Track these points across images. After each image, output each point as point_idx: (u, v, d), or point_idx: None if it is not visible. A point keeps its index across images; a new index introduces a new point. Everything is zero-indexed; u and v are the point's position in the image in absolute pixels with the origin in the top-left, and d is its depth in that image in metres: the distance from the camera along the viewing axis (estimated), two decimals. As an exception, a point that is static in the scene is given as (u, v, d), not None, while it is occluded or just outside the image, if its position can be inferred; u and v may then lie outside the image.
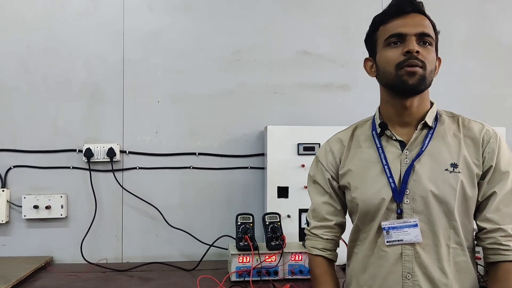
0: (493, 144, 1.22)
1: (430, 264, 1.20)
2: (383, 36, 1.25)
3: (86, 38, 2.46)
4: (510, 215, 1.20)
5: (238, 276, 1.99)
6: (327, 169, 1.39)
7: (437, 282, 1.19)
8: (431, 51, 1.22)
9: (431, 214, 1.20)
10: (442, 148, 1.23)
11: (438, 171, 1.21)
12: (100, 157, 2.41)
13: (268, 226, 2.11)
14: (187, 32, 2.53)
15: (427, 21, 1.25)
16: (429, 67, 1.21)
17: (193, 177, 2.49)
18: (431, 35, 1.23)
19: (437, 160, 1.22)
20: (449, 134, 1.25)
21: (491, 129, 1.26)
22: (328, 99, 2.58)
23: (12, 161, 2.41)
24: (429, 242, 1.21)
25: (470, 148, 1.23)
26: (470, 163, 1.21)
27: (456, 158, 1.21)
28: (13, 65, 2.43)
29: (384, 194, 1.24)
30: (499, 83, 2.69)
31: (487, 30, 2.70)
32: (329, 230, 1.38)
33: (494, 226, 1.20)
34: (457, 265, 1.21)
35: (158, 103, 2.50)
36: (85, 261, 2.32)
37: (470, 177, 1.21)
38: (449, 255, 1.20)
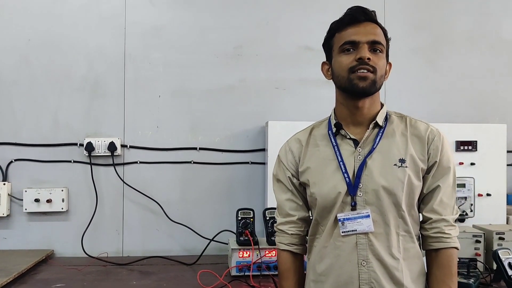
0: (437, 142, 1.33)
1: (382, 251, 1.29)
2: (338, 42, 1.37)
3: (88, 32, 2.46)
4: (451, 206, 1.33)
5: (238, 270, 2.00)
6: (287, 168, 1.45)
7: (389, 267, 1.29)
8: (381, 58, 1.32)
9: (382, 205, 1.30)
10: (391, 145, 1.34)
11: (387, 166, 1.31)
12: (101, 151, 2.42)
13: (269, 221, 2.11)
14: (188, 26, 2.52)
15: (379, 29, 1.35)
16: (379, 72, 1.31)
17: (194, 172, 2.49)
18: (382, 42, 1.33)
19: (387, 156, 1.32)
20: (398, 133, 1.36)
21: (435, 129, 1.37)
22: (330, 94, 2.56)
23: (13, 155, 2.41)
24: (381, 231, 1.30)
25: (416, 145, 1.34)
26: (416, 158, 1.32)
27: (403, 154, 1.32)
28: (15, 59, 2.43)
29: (339, 188, 1.33)
30: (501, 80, 2.69)
31: (489, 26, 2.70)
32: (293, 225, 1.44)
33: (438, 217, 1.32)
34: (407, 251, 1.31)
35: (159, 97, 2.50)
36: (86, 254, 2.33)
37: (416, 171, 1.31)
38: (398, 242, 1.30)
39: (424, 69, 2.62)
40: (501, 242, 2.08)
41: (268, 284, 1.87)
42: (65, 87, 2.45)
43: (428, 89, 2.60)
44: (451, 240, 1.31)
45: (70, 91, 2.45)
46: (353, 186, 1.32)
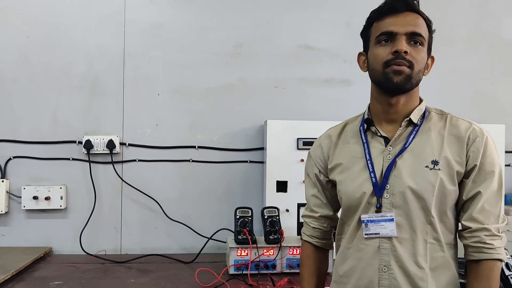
0: (478, 143, 1.22)
1: (406, 258, 1.22)
2: (375, 33, 1.27)
3: (87, 29, 2.46)
4: (495, 215, 1.21)
5: (236, 269, 2.00)
6: (315, 164, 1.42)
7: (412, 275, 1.21)
8: (420, 51, 1.23)
9: (409, 209, 1.22)
10: (425, 145, 1.25)
11: (418, 167, 1.23)
12: (100, 149, 2.42)
13: (267, 220, 2.11)
14: (188, 25, 2.52)
15: (421, 20, 1.25)
16: (417, 67, 1.22)
17: (192, 170, 2.50)
18: (422, 34, 1.23)
19: (419, 156, 1.24)
20: (434, 132, 1.26)
21: (478, 128, 1.24)
22: (329, 94, 2.57)
23: (12, 152, 2.41)
24: (407, 236, 1.23)
25: (454, 146, 1.23)
26: (451, 160, 1.22)
27: (437, 156, 1.22)
28: (14, 56, 2.43)
29: (364, 188, 1.27)
30: (501, 80, 2.69)
31: (489, 27, 2.70)
32: (315, 220, 1.42)
33: (479, 226, 1.20)
34: (435, 260, 1.22)
35: (158, 96, 2.49)
36: (84, 252, 2.33)
37: (450, 175, 1.21)
38: (426, 250, 1.22)
39: (424, 69, 2.61)
40: (498, 242, 2.08)
41: (266, 282, 1.87)
42: (64, 84, 2.45)
43: (427, 90, 2.59)
44: (494, 251, 1.19)
45: (69, 89, 2.45)
46: (380, 187, 1.25)
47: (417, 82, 1.25)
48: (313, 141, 2.28)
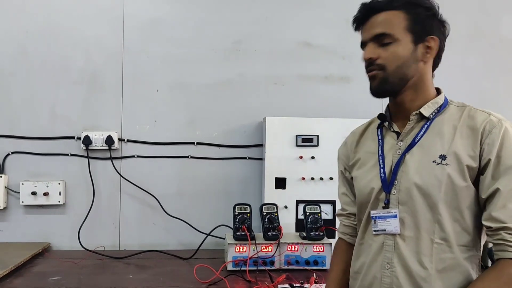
0: (494, 135, 1.13)
1: (409, 256, 1.18)
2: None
3: (86, 24, 2.45)
4: None
5: (235, 265, 2.01)
6: (341, 161, 1.45)
7: (414, 275, 1.17)
8: (392, 48, 1.20)
9: (414, 206, 1.18)
10: (435, 139, 1.20)
11: (426, 162, 1.18)
12: (98, 144, 2.41)
13: (265, 217, 2.12)
14: (187, 20, 2.51)
15: (389, 15, 1.22)
16: (392, 65, 1.20)
17: (191, 167, 2.49)
18: (387, 31, 1.20)
19: (428, 151, 1.19)
20: (448, 125, 1.20)
21: (496, 119, 1.16)
22: (328, 91, 2.57)
23: (11, 147, 2.40)
24: (411, 235, 1.19)
25: (467, 139, 1.16)
26: (461, 154, 1.15)
27: (446, 150, 1.16)
28: (12, 51, 2.42)
29: (373, 184, 1.26)
30: (500, 79, 2.69)
31: (489, 25, 2.69)
32: (346, 217, 1.45)
33: (499, 225, 1.11)
34: (442, 262, 1.15)
35: (157, 91, 2.49)
36: (83, 248, 2.33)
37: (460, 170, 1.14)
38: (431, 249, 1.16)
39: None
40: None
41: (264, 279, 1.88)
42: (63, 79, 2.44)
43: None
44: None
45: (68, 84, 2.44)
46: (388, 183, 1.23)
47: (402, 78, 1.21)
48: (311, 138, 2.33)
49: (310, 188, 2.33)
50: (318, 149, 2.33)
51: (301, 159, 2.32)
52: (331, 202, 2.33)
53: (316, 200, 2.26)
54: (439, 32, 1.27)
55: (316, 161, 2.33)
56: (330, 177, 2.33)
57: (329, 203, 2.33)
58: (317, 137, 2.33)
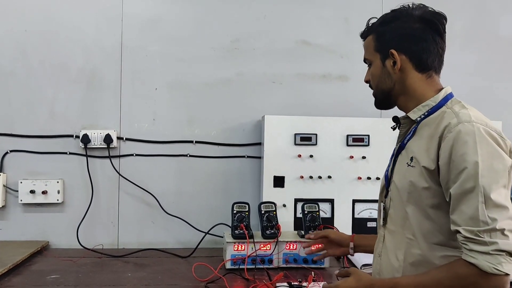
0: (448, 139, 1.15)
1: (390, 248, 1.31)
2: None
3: (85, 23, 2.45)
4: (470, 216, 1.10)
5: (233, 263, 2.01)
6: None
7: (391, 265, 1.30)
8: (371, 70, 1.38)
9: (395, 203, 1.31)
10: (415, 142, 1.28)
11: (403, 164, 1.29)
12: (97, 143, 2.41)
13: (264, 215, 2.12)
14: (186, 19, 2.51)
15: (367, 41, 1.39)
16: (373, 84, 1.38)
17: (190, 165, 2.50)
18: (366, 56, 1.40)
19: (407, 153, 1.29)
20: (426, 128, 1.25)
21: (454, 122, 1.17)
22: (327, 89, 2.57)
23: (9, 146, 2.40)
24: (393, 229, 1.32)
25: (429, 141, 1.21)
26: (421, 157, 1.21)
27: (415, 152, 1.25)
28: (11, 50, 2.41)
29: (382, 182, 1.43)
30: (497, 77, 2.69)
31: (486, 24, 2.69)
32: None
33: (455, 227, 1.13)
34: (411, 256, 1.24)
35: (156, 90, 2.49)
36: (81, 246, 2.33)
37: (420, 172, 1.21)
38: (404, 244, 1.27)
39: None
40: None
41: (262, 277, 1.88)
42: (61, 78, 2.44)
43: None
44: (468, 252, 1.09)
45: (67, 82, 2.44)
46: (388, 181, 1.37)
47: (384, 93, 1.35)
48: (310, 136, 2.34)
49: (308, 186, 2.33)
50: (317, 147, 2.33)
51: (299, 157, 2.33)
52: (330, 201, 2.34)
53: (315, 199, 2.27)
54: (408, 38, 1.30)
55: (314, 159, 2.33)
56: (328, 176, 2.34)
57: (327, 202, 2.33)
58: (316, 135, 2.33)
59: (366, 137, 2.34)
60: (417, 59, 1.31)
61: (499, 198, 1.09)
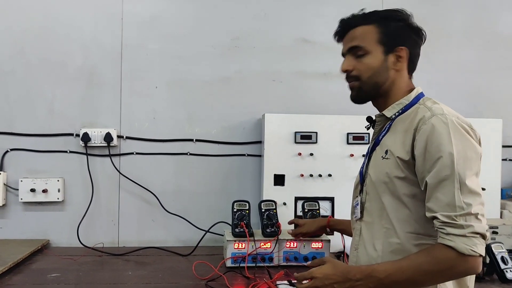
0: (422, 131, 1.21)
1: (367, 240, 1.35)
2: None
3: (84, 21, 2.44)
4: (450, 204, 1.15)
5: (233, 262, 2.01)
6: None
7: (369, 256, 1.33)
8: (365, 59, 1.33)
9: (371, 196, 1.35)
10: (390, 137, 1.33)
11: (378, 158, 1.34)
12: (97, 141, 2.41)
13: (264, 213, 2.12)
14: (185, 17, 2.51)
15: (362, 29, 1.35)
16: (365, 75, 1.33)
17: (190, 163, 2.50)
18: (359, 44, 1.33)
19: (382, 149, 1.34)
20: (401, 123, 1.32)
21: (428, 115, 1.23)
22: (327, 87, 2.57)
23: (9, 144, 2.40)
24: (370, 220, 1.35)
25: (404, 134, 1.27)
26: (395, 149, 1.27)
27: (390, 145, 1.30)
28: (10, 48, 2.41)
29: (356, 180, 1.46)
30: (497, 74, 2.69)
31: (486, 21, 2.69)
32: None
33: (432, 214, 1.19)
34: (390, 245, 1.29)
35: (156, 88, 2.49)
36: (82, 244, 2.34)
37: (395, 163, 1.26)
38: (382, 234, 1.31)
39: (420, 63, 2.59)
40: (494, 236, 2.11)
41: (263, 275, 1.88)
42: (61, 76, 2.43)
43: (423, 83, 2.58)
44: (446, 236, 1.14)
45: (66, 81, 2.44)
46: (363, 177, 1.41)
47: (374, 87, 1.34)
48: (310, 134, 2.33)
49: (308, 184, 2.33)
50: (317, 146, 2.33)
51: (299, 155, 2.32)
52: (330, 199, 2.34)
53: (315, 197, 2.27)
54: (411, 41, 1.37)
55: (314, 157, 2.33)
56: (328, 174, 2.33)
57: (327, 200, 2.33)
58: (316, 134, 2.33)
59: (366, 135, 2.33)
60: (412, 61, 1.39)
61: (473, 184, 1.17)
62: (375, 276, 1.19)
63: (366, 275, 1.19)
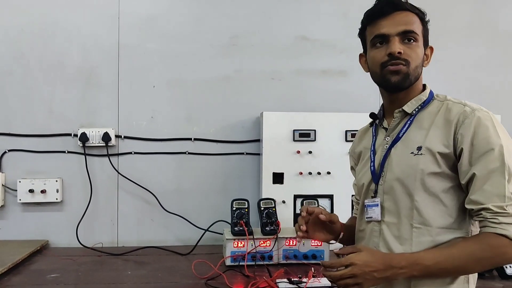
0: (468, 125, 1.21)
1: (392, 241, 1.28)
2: (369, 36, 1.34)
3: (81, 21, 2.44)
4: (499, 195, 1.17)
5: (233, 260, 2.01)
6: (351, 157, 1.58)
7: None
8: (415, 47, 1.29)
9: (395, 195, 1.29)
10: (416, 133, 1.29)
11: (405, 155, 1.28)
12: (95, 141, 2.41)
13: (263, 212, 2.12)
14: (183, 16, 2.50)
15: (411, 16, 1.30)
16: (413, 63, 1.28)
17: (188, 163, 2.49)
18: (415, 30, 1.28)
19: (408, 144, 1.29)
20: (427, 119, 1.30)
21: (469, 109, 1.24)
22: (326, 85, 2.57)
23: (7, 145, 2.40)
24: (394, 221, 1.29)
25: (441, 129, 1.25)
26: (433, 144, 1.24)
27: (422, 141, 1.26)
28: (7, 49, 2.40)
29: (366, 177, 1.38)
30: (498, 71, 2.69)
31: (488, 17, 2.69)
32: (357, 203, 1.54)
33: (479, 206, 1.18)
34: (421, 245, 1.24)
35: (153, 88, 2.48)
36: (81, 245, 2.33)
37: (433, 158, 1.23)
38: (411, 234, 1.26)
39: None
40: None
41: (262, 274, 1.88)
42: (59, 77, 2.43)
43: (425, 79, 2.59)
44: (498, 226, 1.15)
45: (64, 81, 2.43)
46: (377, 175, 1.34)
47: (416, 78, 1.31)
48: (309, 132, 2.33)
49: (307, 182, 2.33)
50: (316, 143, 2.33)
51: (298, 153, 2.32)
52: (329, 197, 2.33)
53: (314, 195, 2.27)
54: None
55: (313, 155, 2.33)
56: (327, 172, 2.33)
57: (326, 198, 2.33)
58: (314, 131, 2.33)
59: (365, 133, 2.33)
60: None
61: None
62: (422, 263, 1.16)
63: (411, 262, 1.17)
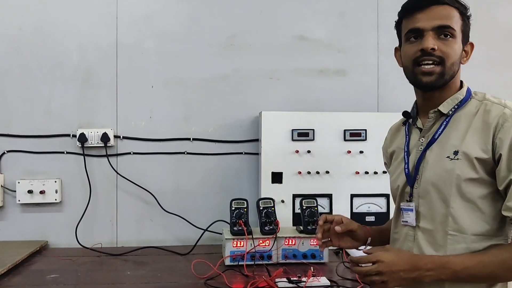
0: (506, 129, 1.14)
1: (426, 247, 1.24)
2: (404, 30, 1.28)
3: (79, 21, 2.43)
4: None
5: (232, 260, 2.01)
6: (384, 156, 1.53)
7: None
8: (452, 43, 1.22)
9: (431, 200, 1.24)
10: (451, 135, 1.23)
11: (441, 158, 1.22)
12: (94, 142, 2.41)
13: (262, 211, 2.12)
14: (181, 15, 2.50)
15: (450, 10, 1.23)
16: (449, 61, 1.21)
17: (187, 162, 2.49)
18: (452, 26, 1.21)
19: (444, 147, 1.23)
20: (464, 120, 1.23)
21: (509, 112, 1.17)
22: (324, 84, 2.57)
23: (6, 146, 2.39)
24: (428, 227, 1.24)
25: (479, 132, 1.18)
26: (472, 148, 1.17)
27: (459, 145, 1.19)
28: (5, 48, 2.40)
29: (400, 179, 1.33)
30: (495, 69, 2.68)
31: (484, 15, 2.68)
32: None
33: None
34: (455, 252, 1.19)
35: (152, 87, 2.48)
36: (80, 245, 2.33)
37: (470, 163, 1.17)
38: (446, 241, 1.20)
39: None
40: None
41: (262, 273, 1.88)
42: (57, 77, 2.43)
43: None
44: None
45: (63, 81, 2.43)
46: (412, 178, 1.28)
47: (451, 76, 1.24)
48: (307, 132, 2.33)
49: (306, 182, 2.33)
50: (314, 143, 2.33)
51: (297, 153, 2.32)
52: (328, 196, 2.34)
53: (313, 194, 2.27)
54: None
55: (312, 155, 2.33)
56: (326, 171, 2.33)
57: (325, 197, 2.33)
58: (313, 131, 2.33)
59: (363, 132, 2.34)
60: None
61: None
62: (450, 267, 1.13)
63: (439, 265, 1.13)
